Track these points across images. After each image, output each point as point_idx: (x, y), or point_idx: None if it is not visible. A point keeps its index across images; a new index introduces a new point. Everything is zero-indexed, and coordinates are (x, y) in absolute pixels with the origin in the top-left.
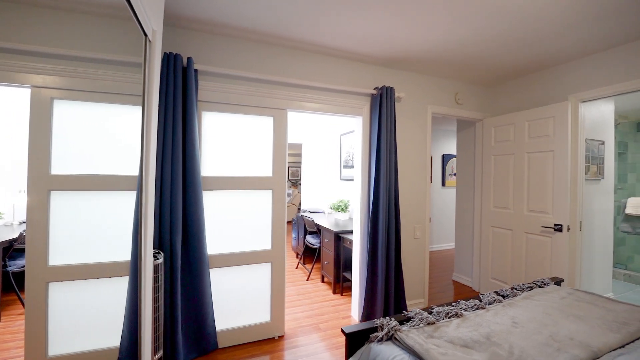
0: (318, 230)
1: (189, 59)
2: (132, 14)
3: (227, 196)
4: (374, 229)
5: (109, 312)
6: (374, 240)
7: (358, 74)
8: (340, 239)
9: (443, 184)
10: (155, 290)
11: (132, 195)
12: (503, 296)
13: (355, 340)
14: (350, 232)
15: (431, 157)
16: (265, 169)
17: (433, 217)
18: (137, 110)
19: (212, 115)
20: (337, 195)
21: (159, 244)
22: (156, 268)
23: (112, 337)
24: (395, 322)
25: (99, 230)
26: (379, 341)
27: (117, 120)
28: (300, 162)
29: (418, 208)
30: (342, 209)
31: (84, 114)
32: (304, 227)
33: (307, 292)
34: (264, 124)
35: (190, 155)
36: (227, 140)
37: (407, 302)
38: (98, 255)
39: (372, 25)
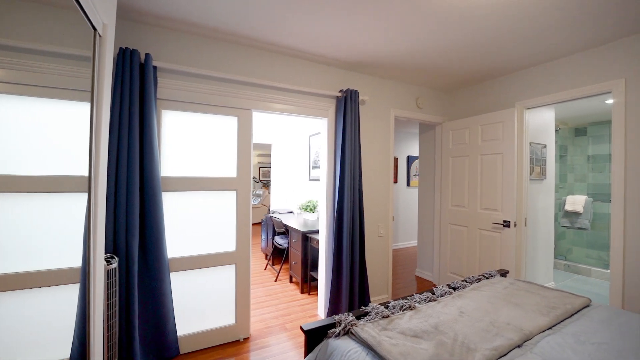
0: (286, 231)
1: (147, 55)
2: (78, 6)
3: (190, 197)
4: (338, 228)
5: (58, 321)
6: (338, 239)
7: (324, 77)
8: (307, 239)
9: (408, 184)
10: (110, 296)
11: (84, 197)
12: (454, 288)
13: (315, 338)
14: (318, 231)
15: (396, 158)
16: (229, 169)
17: (399, 216)
18: (87, 107)
19: (174, 114)
20: (306, 196)
21: (114, 248)
22: (110, 273)
23: (62, 349)
24: (353, 317)
25: (45, 235)
26: (336, 336)
27: (63, 117)
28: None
29: (382, 207)
30: (311, 209)
31: (26, 109)
32: (273, 227)
33: (275, 292)
34: (228, 124)
35: (148, 155)
36: (190, 140)
37: (372, 298)
38: (45, 262)
39: (336, 30)
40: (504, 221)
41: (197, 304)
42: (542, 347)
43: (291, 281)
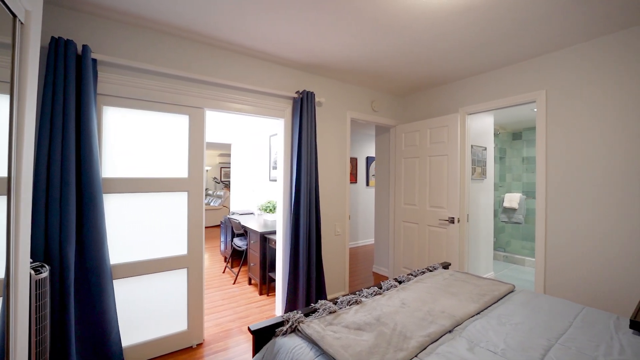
0: (245, 232)
1: (84, 46)
2: None
3: (137, 200)
4: (295, 228)
5: None
6: (295, 239)
7: (281, 77)
8: (266, 240)
9: (367, 184)
10: (39, 308)
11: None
12: (400, 282)
13: (266, 338)
14: (276, 232)
15: (356, 159)
16: (180, 170)
17: (358, 215)
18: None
19: (118, 111)
20: (267, 197)
21: (45, 256)
22: (40, 283)
23: None
24: (300, 315)
25: None
26: (283, 335)
27: None
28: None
29: (338, 206)
30: (271, 210)
31: None
32: (232, 229)
33: (233, 295)
34: (179, 123)
35: (87, 155)
36: (137, 139)
37: (329, 296)
38: None
39: (291, 31)
40: (449, 218)
41: (146, 312)
42: (469, 331)
43: (250, 283)
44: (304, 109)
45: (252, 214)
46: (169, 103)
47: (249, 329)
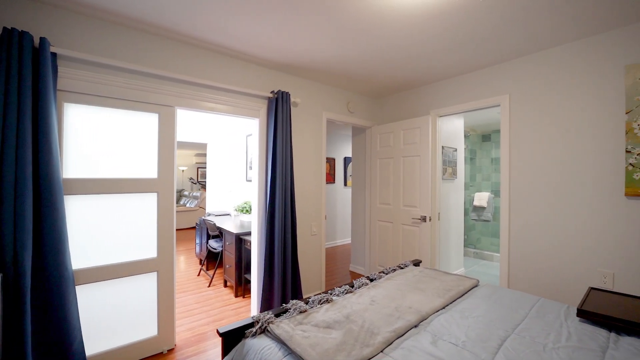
0: (220, 234)
1: (42, 39)
2: None
3: (103, 201)
4: (270, 228)
5: None
6: (270, 240)
7: (256, 77)
8: (242, 241)
9: (345, 184)
10: None
11: None
12: (371, 280)
13: (236, 340)
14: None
15: (334, 159)
16: (149, 170)
17: (336, 215)
18: None
19: (80, 108)
20: (244, 197)
21: None
22: None
23: None
24: (270, 315)
25: None
26: (253, 336)
27: None
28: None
29: (314, 206)
30: (247, 211)
31: None
32: (207, 231)
33: (208, 298)
34: (148, 121)
35: (45, 154)
36: (103, 138)
37: (305, 296)
38: None
39: (264, 31)
40: (422, 216)
41: (113, 318)
42: (434, 325)
43: (226, 285)
44: (279, 109)
45: (228, 215)
46: (137, 101)
47: (217, 331)
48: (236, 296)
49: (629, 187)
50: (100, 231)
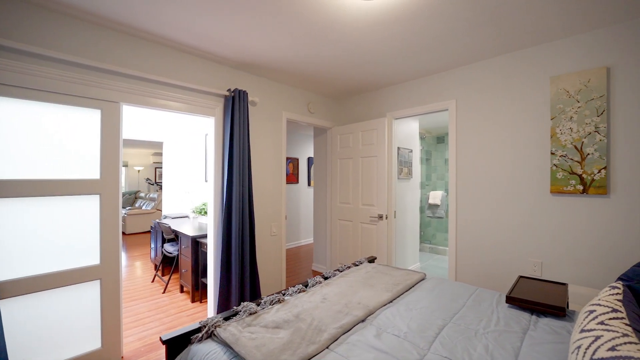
0: (176, 237)
1: None
2: None
3: (36, 204)
4: (227, 230)
5: None
6: (227, 241)
7: (212, 74)
8: (198, 244)
9: (309, 184)
10: None
11: None
12: (326, 278)
13: (182, 347)
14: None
15: (297, 160)
16: (91, 170)
17: (300, 215)
18: None
19: (9, 101)
20: (203, 198)
21: None
22: None
23: None
24: (219, 319)
25: None
26: (199, 341)
27: None
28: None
29: (274, 207)
30: (206, 212)
31: None
32: (162, 234)
33: (162, 305)
34: (89, 117)
35: None
36: (36, 135)
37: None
38: None
39: (223, 29)
40: (378, 214)
41: (49, 333)
42: (380, 319)
43: (182, 291)
44: (235, 108)
45: (186, 217)
46: (76, 95)
47: (160, 339)
48: (193, 301)
49: (553, 185)
50: (34, 238)
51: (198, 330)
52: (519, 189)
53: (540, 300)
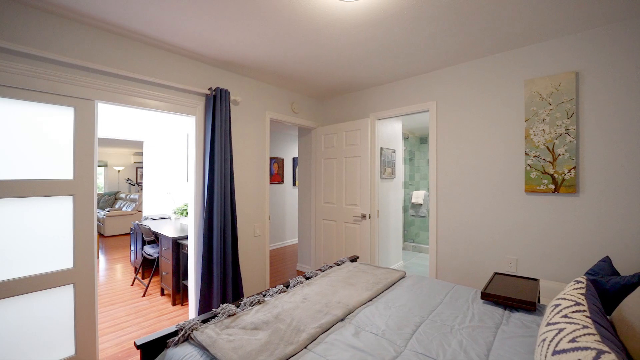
0: (157, 239)
1: None
2: None
3: (3, 206)
4: (209, 231)
5: None
6: (209, 243)
7: (192, 72)
8: (179, 246)
9: (294, 184)
10: None
11: None
12: (307, 278)
13: (159, 352)
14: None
15: (282, 160)
16: (63, 170)
17: (285, 215)
18: None
19: None
20: (185, 199)
21: None
22: None
23: None
24: (196, 321)
25: None
26: (175, 345)
27: None
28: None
29: (257, 207)
30: (188, 214)
31: None
32: (142, 236)
33: (142, 309)
34: (62, 115)
35: None
36: (4, 133)
37: (245, 299)
38: None
39: (204, 27)
40: (362, 214)
41: (16, 341)
42: (359, 317)
43: (163, 294)
44: (217, 107)
45: (168, 218)
46: (47, 92)
47: (134, 344)
48: (174, 305)
49: (527, 185)
50: (2, 242)
51: (175, 333)
52: (496, 188)
53: (512, 296)
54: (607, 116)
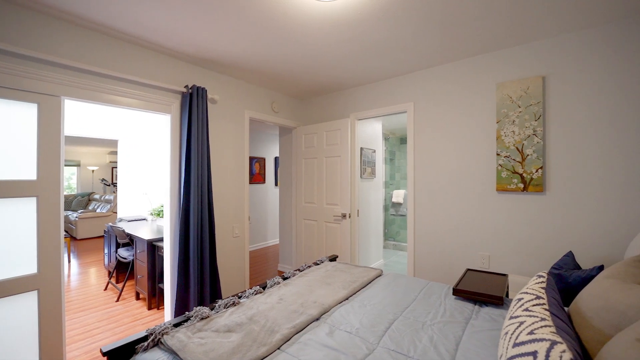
0: (131, 241)
1: None
2: None
3: None
4: (185, 233)
5: None
6: (185, 244)
7: (168, 69)
8: (155, 248)
9: (276, 184)
10: None
11: None
12: (285, 278)
13: (126, 358)
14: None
15: (264, 159)
16: (26, 170)
17: (268, 215)
18: None
19: None
20: (162, 200)
21: None
22: None
23: None
24: (167, 326)
25: None
26: (144, 350)
27: None
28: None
29: (237, 208)
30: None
31: None
32: (116, 239)
33: (115, 315)
34: (23, 112)
35: None
36: None
37: (220, 301)
38: None
39: (182, 24)
40: (342, 213)
41: None
42: (334, 317)
43: (138, 298)
44: (193, 105)
45: (144, 219)
46: (7, 87)
47: (100, 350)
48: (149, 309)
49: (498, 184)
50: None
51: (145, 338)
52: (469, 187)
53: (482, 291)
54: (571, 119)
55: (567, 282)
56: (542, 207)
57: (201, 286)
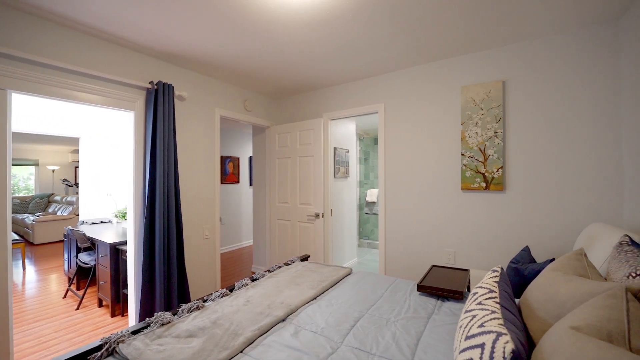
0: (93, 245)
1: None
2: None
3: None
4: (150, 235)
5: None
6: (150, 247)
7: (132, 64)
8: (119, 252)
9: (250, 184)
10: None
11: None
12: (254, 279)
13: None
14: None
15: (238, 159)
16: None
17: (242, 216)
18: None
19: None
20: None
21: None
22: None
23: None
24: (123, 334)
25: None
26: None
27: None
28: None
29: (207, 208)
30: None
31: None
32: (77, 243)
33: (75, 324)
34: None
35: None
36: None
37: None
38: None
39: (147, 17)
40: (315, 213)
41: None
42: (301, 317)
43: (100, 305)
44: (159, 102)
45: (109, 222)
46: None
47: None
48: (113, 316)
49: (463, 183)
50: None
51: (99, 348)
52: (436, 186)
53: (444, 287)
54: (528, 121)
55: (523, 275)
56: (503, 204)
57: (168, 290)
